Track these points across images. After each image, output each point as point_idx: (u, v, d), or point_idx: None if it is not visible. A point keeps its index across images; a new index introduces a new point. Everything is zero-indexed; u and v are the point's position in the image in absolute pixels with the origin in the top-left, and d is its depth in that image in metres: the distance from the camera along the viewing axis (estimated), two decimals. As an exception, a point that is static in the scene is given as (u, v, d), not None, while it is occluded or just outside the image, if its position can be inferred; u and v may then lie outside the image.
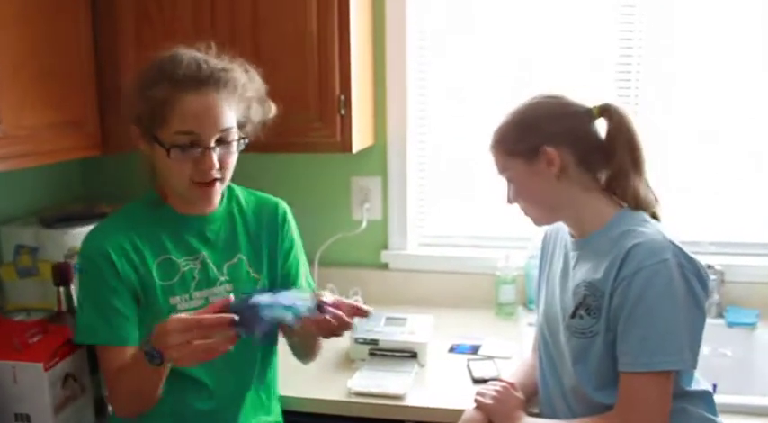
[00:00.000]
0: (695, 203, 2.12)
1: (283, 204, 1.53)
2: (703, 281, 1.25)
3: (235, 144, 1.31)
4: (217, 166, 1.28)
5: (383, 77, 2.16)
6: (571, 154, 1.32)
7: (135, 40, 1.84)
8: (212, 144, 1.27)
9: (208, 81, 1.26)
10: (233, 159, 1.33)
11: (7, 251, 1.88)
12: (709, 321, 1.97)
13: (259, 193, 1.53)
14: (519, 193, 1.39)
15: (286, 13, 1.78)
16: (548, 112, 1.34)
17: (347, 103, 1.81)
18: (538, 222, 1.43)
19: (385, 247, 2.28)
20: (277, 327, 1.20)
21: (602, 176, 1.34)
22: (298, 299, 1.19)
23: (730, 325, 1.98)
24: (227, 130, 1.29)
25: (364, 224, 2.23)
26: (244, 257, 1.43)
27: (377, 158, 2.21)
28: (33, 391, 1.34)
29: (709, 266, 1.90)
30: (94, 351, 1.39)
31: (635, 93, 2.10)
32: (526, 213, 1.42)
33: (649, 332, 1.21)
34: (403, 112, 2.18)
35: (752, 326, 1.97)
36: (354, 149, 1.87)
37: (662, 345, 1.21)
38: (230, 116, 1.29)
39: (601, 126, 1.34)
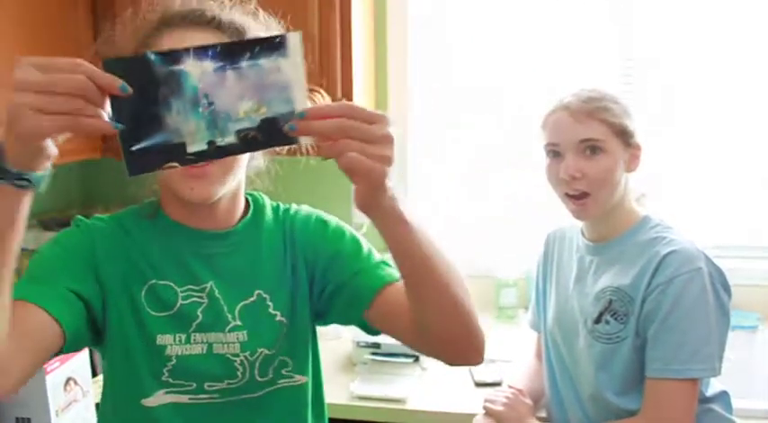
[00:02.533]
0: (696, 206, 2.12)
1: (318, 214, 1.14)
2: (728, 290, 1.27)
3: None
4: None
5: (385, 79, 2.15)
6: None
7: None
8: None
9: (204, 21, 0.94)
10: None
11: (7, 253, 1.87)
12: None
13: (296, 209, 1.14)
14: (601, 171, 1.28)
15: (287, 14, 1.78)
16: (630, 109, 1.33)
17: (348, 106, 1.81)
18: (586, 212, 1.31)
19: (386, 249, 2.27)
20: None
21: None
22: (251, 104, 0.71)
23: (731, 328, 1.97)
24: None
25: (365, 228, 2.22)
26: (265, 294, 1.02)
27: (378, 160, 2.21)
28: (35, 395, 1.33)
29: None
30: (93, 354, 1.38)
31: (640, 95, 2.10)
32: (583, 196, 1.29)
33: (683, 339, 1.22)
34: (404, 114, 2.18)
35: (753, 329, 1.97)
36: (356, 152, 1.87)
37: (695, 353, 1.22)
38: None
39: None
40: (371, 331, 1.04)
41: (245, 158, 0.99)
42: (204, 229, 1.01)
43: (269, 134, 0.71)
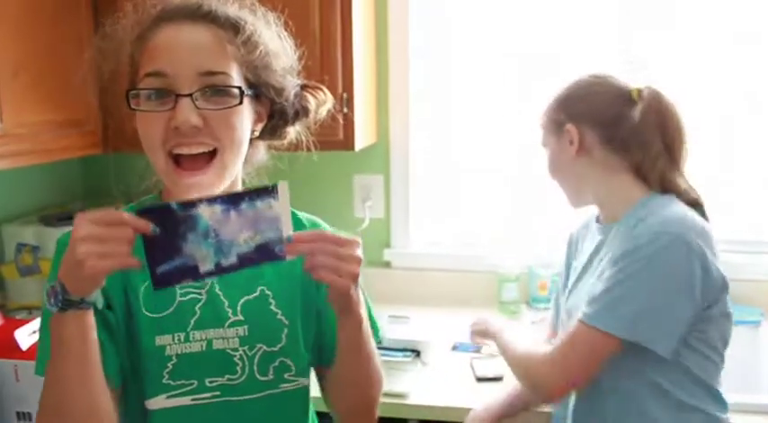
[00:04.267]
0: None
1: (322, 223, 1.14)
2: (707, 269, 1.22)
3: (233, 99, 0.93)
4: (194, 122, 0.90)
5: (386, 75, 2.15)
6: (595, 134, 1.32)
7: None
8: (189, 91, 0.91)
9: (199, 15, 0.95)
10: (234, 123, 0.94)
11: (9, 250, 1.88)
12: (714, 320, 1.97)
13: (301, 213, 1.13)
14: (549, 168, 1.41)
15: (288, 11, 1.78)
16: (579, 91, 1.36)
17: (350, 101, 1.81)
18: (570, 202, 1.43)
19: (387, 245, 2.27)
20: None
21: (634, 159, 1.33)
22: (248, 234, 0.87)
23: (734, 323, 1.96)
24: (214, 74, 0.92)
25: (366, 222, 2.23)
26: (268, 292, 1.03)
27: (379, 156, 2.21)
28: (35, 389, 1.33)
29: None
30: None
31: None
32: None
33: (612, 292, 1.21)
34: (405, 110, 2.18)
35: (756, 324, 1.96)
36: (357, 147, 1.87)
37: (617, 308, 1.20)
38: (225, 60, 0.93)
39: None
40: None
41: (238, 158, 0.98)
42: None
43: (262, 254, 0.88)
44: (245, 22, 0.97)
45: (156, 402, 0.98)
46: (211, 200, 0.86)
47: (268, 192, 0.87)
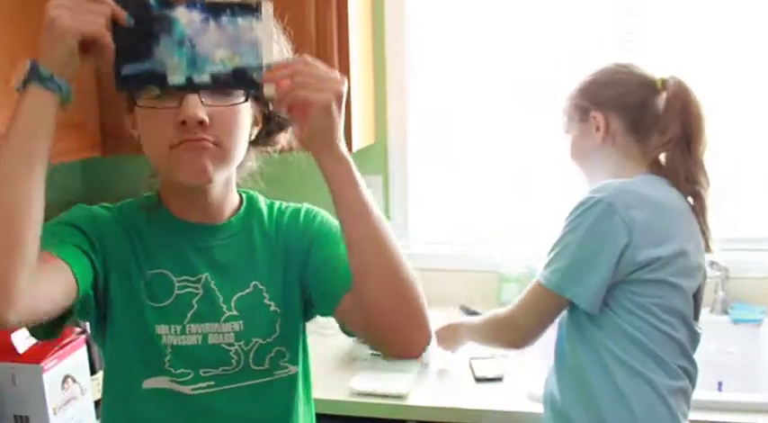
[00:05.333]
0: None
1: (309, 206, 1.15)
2: (631, 232, 1.26)
3: (238, 98, 0.94)
4: (202, 116, 0.89)
5: (383, 75, 2.15)
6: (621, 121, 1.37)
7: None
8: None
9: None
10: (236, 122, 0.95)
11: (8, 253, 1.88)
12: (715, 318, 1.98)
13: (288, 205, 1.15)
14: (571, 153, 1.45)
15: (284, 11, 1.77)
16: (603, 78, 1.40)
17: (347, 102, 1.80)
18: (589, 186, 1.44)
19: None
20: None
21: (655, 149, 1.37)
22: (226, 53, 0.86)
23: (736, 322, 1.97)
24: None
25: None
26: (261, 286, 1.04)
27: (378, 157, 2.20)
28: (32, 392, 1.34)
29: (714, 263, 1.89)
30: (92, 351, 1.38)
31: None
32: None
33: (552, 251, 1.32)
34: (404, 110, 2.17)
35: (757, 323, 1.95)
36: (354, 148, 1.86)
37: (551, 265, 1.31)
38: None
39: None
40: (346, 330, 1.04)
41: (236, 158, 0.98)
42: (200, 223, 1.04)
43: (238, 79, 0.86)
44: None
45: (157, 382, 0.99)
46: (191, 4, 0.85)
47: (251, 9, 0.85)
